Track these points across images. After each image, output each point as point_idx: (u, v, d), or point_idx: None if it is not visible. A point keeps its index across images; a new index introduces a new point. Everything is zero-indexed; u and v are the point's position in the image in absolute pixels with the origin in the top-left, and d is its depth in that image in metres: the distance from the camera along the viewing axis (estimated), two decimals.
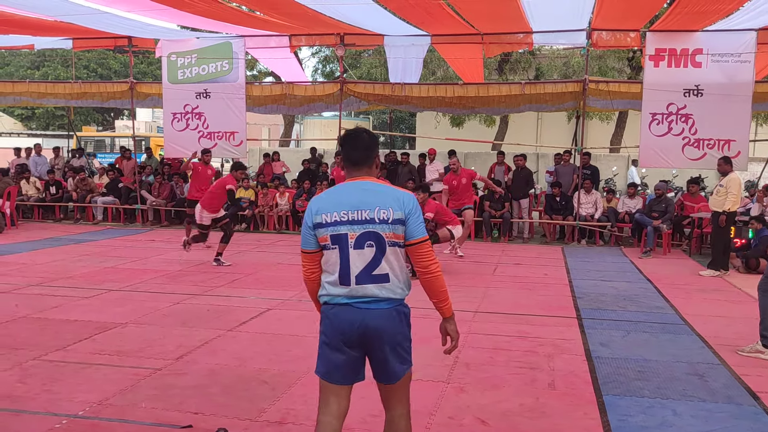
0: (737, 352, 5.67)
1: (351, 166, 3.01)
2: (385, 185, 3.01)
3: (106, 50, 33.49)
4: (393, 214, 2.85)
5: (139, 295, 7.61)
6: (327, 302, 2.94)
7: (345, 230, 2.85)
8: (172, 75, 14.28)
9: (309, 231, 2.94)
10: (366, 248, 2.85)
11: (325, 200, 2.95)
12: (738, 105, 11.68)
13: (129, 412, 4.22)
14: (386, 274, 2.86)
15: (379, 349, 2.88)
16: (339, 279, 2.87)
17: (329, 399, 2.94)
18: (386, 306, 2.87)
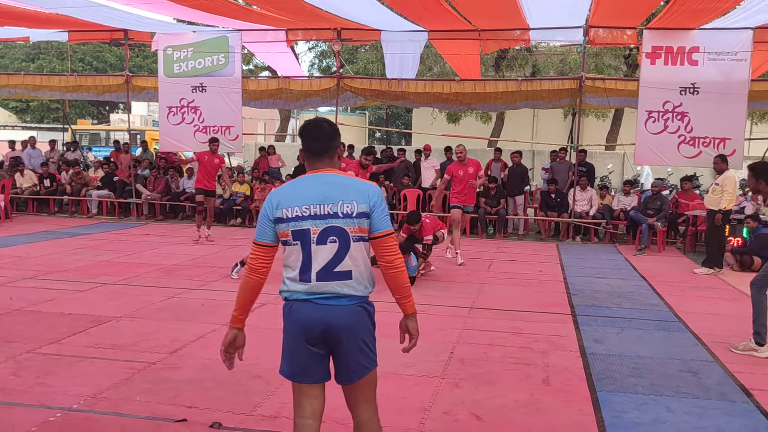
0: (731, 349, 5.69)
1: (312, 157, 2.87)
2: (348, 177, 2.89)
3: (102, 43, 33.31)
4: (357, 207, 2.75)
5: (133, 289, 7.59)
6: (287, 298, 2.83)
7: (307, 225, 2.74)
8: (168, 68, 14.23)
9: (268, 223, 2.80)
10: (329, 243, 2.74)
11: (286, 193, 2.81)
12: (734, 103, 11.68)
13: (123, 406, 4.21)
14: (349, 271, 2.76)
15: (342, 347, 2.77)
16: (299, 275, 2.76)
17: (301, 400, 2.85)
18: (348, 303, 2.78)
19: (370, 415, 2.90)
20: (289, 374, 2.87)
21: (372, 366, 2.87)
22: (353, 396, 2.89)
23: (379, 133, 39.02)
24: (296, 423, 2.86)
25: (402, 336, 3.02)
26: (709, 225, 9.95)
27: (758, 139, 18.56)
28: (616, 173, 20.99)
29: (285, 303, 2.85)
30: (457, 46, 13.69)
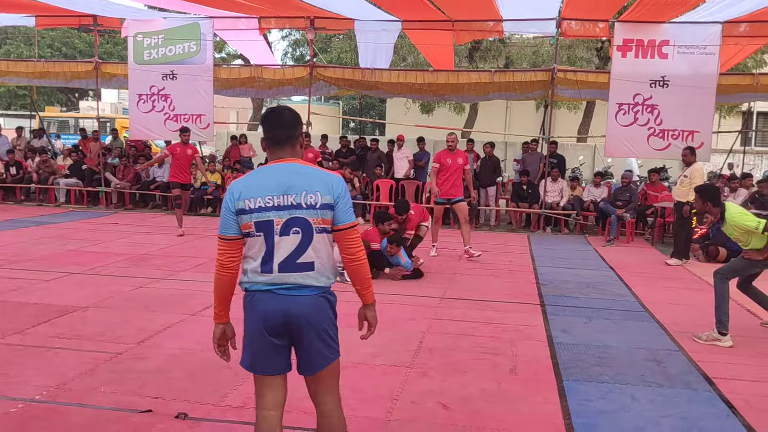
0: (694, 339, 5.78)
1: (273, 146, 2.82)
2: (311, 167, 2.83)
3: (72, 29, 32.71)
4: (321, 198, 2.72)
5: (100, 279, 7.49)
6: (247, 289, 2.79)
7: (271, 216, 2.69)
8: (138, 55, 14.02)
9: (231, 216, 2.74)
10: (292, 235, 2.71)
11: (247, 184, 2.75)
12: (702, 97, 11.83)
13: (87, 397, 4.16)
14: (311, 263, 2.73)
15: (303, 337, 2.75)
16: (260, 266, 2.72)
17: (263, 391, 2.83)
18: (310, 293, 2.75)
19: (332, 405, 2.90)
20: (249, 366, 2.84)
21: (334, 356, 2.86)
22: (316, 387, 2.88)
23: (353, 123, 38.92)
24: (258, 414, 2.85)
25: (361, 324, 3.03)
26: (677, 217, 10.08)
27: (726, 132, 18.89)
28: (588, 165, 21.20)
29: (245, 294, 2.81)
30: (431, 36, 13.69)
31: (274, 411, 2.83)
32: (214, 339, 2.93)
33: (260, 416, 2.83)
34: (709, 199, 5.90)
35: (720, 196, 6.08)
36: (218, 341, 2.93)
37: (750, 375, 4.94)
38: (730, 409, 4.24)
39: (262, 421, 2.82)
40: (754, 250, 5.80)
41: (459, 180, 9.58)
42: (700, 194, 5.98)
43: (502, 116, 26.49)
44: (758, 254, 5.75)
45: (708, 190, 6.03)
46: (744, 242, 5.88)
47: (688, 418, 4.06)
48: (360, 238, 2.87)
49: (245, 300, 2.81)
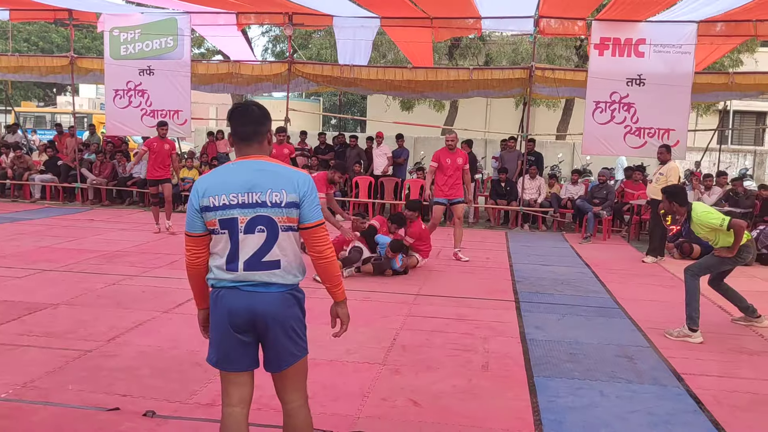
0: (665, 335, 5.83)
1: (240, 142, 2.80)
2: (279, 165, 2.81)
3: (49, 23, 32.36)
4: (286, 196, 2.70)
5: (73, 276, 7.41)
6: (213, 285, 2.78)
7: (235, 214, 2.68)
8: (114, 50, 13.88)
9: (195, 214, 2.73)
10: (257, 233, 2.69)
11: (212, 181, 2.74)
12: (678, 95, 11.94)
13: (54, 395, 4.11)
14: (277, 261, 2.72)
15: (269, 334, 2.74)
16: (225, 264, 2.71)
17: (229, 388, 2.82)
18: (276, 290, 2.74)
19: (299, 403, 2.90)
20: (215, 362, 2.83)
21: (301, 354, 2.85)
22: (282, 384, 2.87)
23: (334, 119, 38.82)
24: (223, 411, 2.84)
25: (333, 322, 3.02)
26: (652, 214, 10.16)
27: (704, 130, 19.06)
28: (566, 162, 21.31)
29: (212, 290, 2.81)
30: (410, 33, 13.68)
31: (240, 408, 2.83)
32: (199, 323, 3.00)
33: (226, 412, 2.82)
34: (675, 200, 5.98)
35: (686, 196, 6.14)
36: (203, 324, 2.98)
37: (719, 371, 5.00)
38: (697, 405, 4.28)
39: (228, 417, 2.81)
40: (723, 248, 5.86)
41: (459, 180, 9.25)
42: (666, 195, 6.06)
43: (483, 114, 26.54)
44: (728, 252, 5.82)
45: (673, 190, 6.11)
46: (713, 241, 5.95)
47: (656, 414, 4.10)
48: (328, 236, 2.85)
49: (211, 296, 2.80)
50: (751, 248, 6.01)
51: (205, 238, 2.78)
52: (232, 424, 2.80)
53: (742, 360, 5.28)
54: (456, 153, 9.25)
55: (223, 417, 2.83)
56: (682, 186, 6.55)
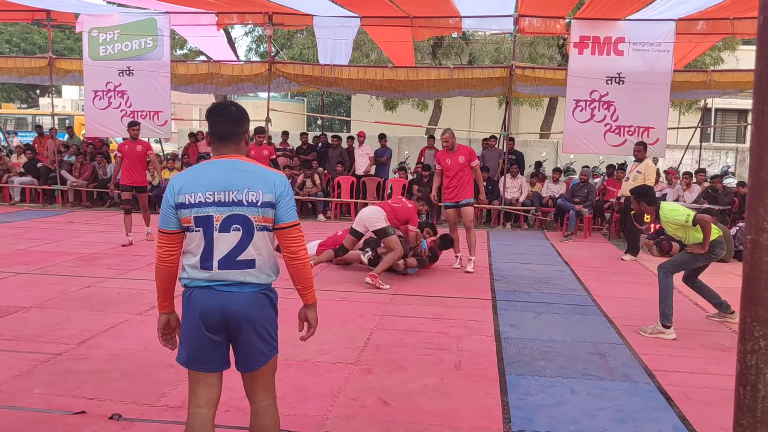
0: (639, 332, 5.85)
1: (217, 142, 2.82)
2: (255, 165, 2.83)
3: (30, 24, 32.11)
4: (262, 196, 2.71)
5: (48, 278, 7.35)
6: (186, 285, 2.77)
7: (210, 212, 2.68)
8: (93, 51, 13.77)
9: (170, 210, 2.72)
10: (232, 232, 2.70)
11: (188, 178, 2.74)
12: (657, 93, 12.00)
13: (20, 399, 4.06)
14: (252, 260, 2.73)
15: (241, 334, 2.74)
16: (200, 262, 2.71)
17: (196, 389, 2.81)
18: (250, 290, 2.74)
19: (267, 403, 2.89)
20: (186, 362, 2.82)
21: (272, 353, 2.85)
22: (252, 384, 2.87)
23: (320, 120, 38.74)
24: (190, 411, 2.82)
25: (301, 325, 3.01)
26: (625, 212, 10.18)
27: (685, 128, 19.17)
28: (550, 161, 21.38)
29: (185, 290, 2.80)
30: (390, 32, 13.68)
31: (207, 409, 2.82)
32: (158, 329, 2.92)
33: (192, 413, 2.81)
34: (643, 199, 6.04)
35: (654, 195, 6.18)
36: (162, 330, 2.92)
37: (690, 367, 5.01)
38: (667, 401, 4.29)
39: (194, 418, 2.79)
40: (695, 245, 5.89)
41: (464, 180, 8.58)
42: (635, 195, 6.11)
43: (467, 113, 26.60)
44: (700, 248, 5.84)
45: (641, 190, 6.15)
46: (684, 238, 5.98)
47: (625, 411, 4.10)
48: (303, 237, 2.85)
49: (184, 296, 2.79)
50: (724, 244, 6.04)
51: (179, 236, 2.77)
52: (198, 426, 2.79)
53: (714, 356, 5.30)
54: (457, 152, 8.56)
55: (189, 417, 2.81)
56: (649, 186, 6.59)
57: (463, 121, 26.04)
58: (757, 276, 2.07)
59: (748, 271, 2.09)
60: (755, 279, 2.07)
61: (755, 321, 2.08)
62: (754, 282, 2.08)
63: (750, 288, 2.09)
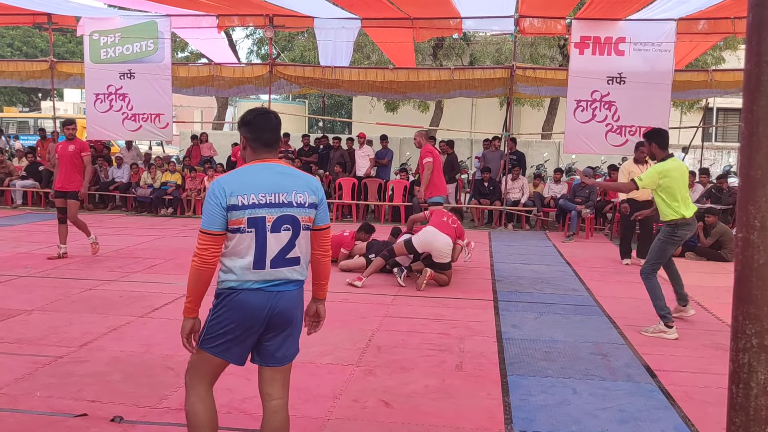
0: (641, 332, 5.84)
1: (262, 147, 2.91)
2: (294, 169, 2.96)
3: (32, 28, 32.17)
4: (308, 198, 2.87)
5: (50, 281, 7.36)
6: (233, 287, 2.81)
7: (263, 213, 2.78)
8: (94, 54, 13.79)
9: (220, 211, 2.76)
10: (282, 231, 2.82)
11: (238, 181, 2.81)
12: (658, 93, 11.99)
13: (22, 402, 4.07)
14: (298, 257, 2.88)
15: (283, 330, 2.88)
16: (253, 263, 2.78)
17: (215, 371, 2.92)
18: (294, 288, 2.90)
19: (285, 401, 3.00)
20: (221, 353, 2.86)
21: (297, 349, 3.04)
22: (273, 379, 2.95)
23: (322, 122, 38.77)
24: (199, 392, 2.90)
25: (311, 320, 3.15)
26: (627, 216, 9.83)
27: (687, 127, 19.16)
28: (552, 162, 21.37)
29: (227, 291, 2.83)
30: (391, 34, 13.69)
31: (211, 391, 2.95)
32: (183, 333, 2.91)
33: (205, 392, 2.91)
34: (655, 141, 5.95)
35: (668, 140, 6.04)
36: (188, 335, 2.92)
37: (692, 367, 5.01)
38: (668, 401, 4.28)
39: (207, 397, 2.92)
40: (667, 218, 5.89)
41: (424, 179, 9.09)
42: (650, 136, 5.98)
43: (468, 114, 26.61)
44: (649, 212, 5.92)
45: (659, 132, 6.04)
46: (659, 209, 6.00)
47: (626, 411, 4.10)
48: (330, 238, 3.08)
49: (224, 296, 2.83)
50: (692, 225, 5.98)
51: (223, 237, 2.81)
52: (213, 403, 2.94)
53: (716, 356, 5.29)
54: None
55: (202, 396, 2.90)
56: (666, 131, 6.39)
57: (465, 121, 26.06)
58: (749, 274, 2.07)
59: (740, 269, 2.10)
60: (747, 277, 2.08)
61: (747, 319, 2.08)
62: (746, 280, 2.08)
63: (742, 286, 2.10)
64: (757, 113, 2.03)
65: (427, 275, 7.41)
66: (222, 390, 4.25)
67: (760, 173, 2.03)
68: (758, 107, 2.03)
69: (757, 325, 2.06)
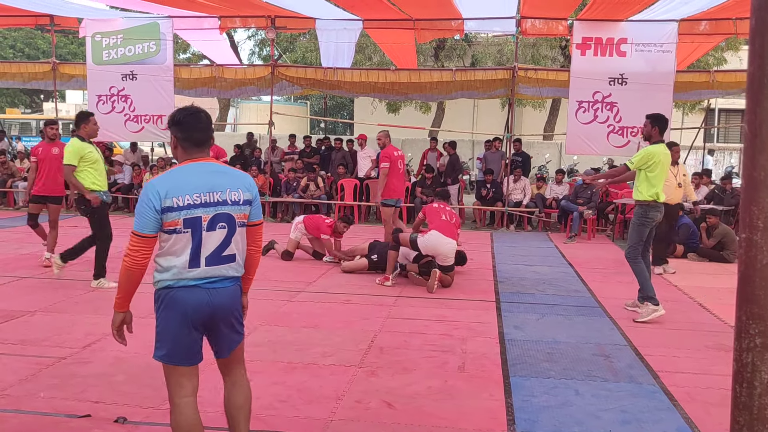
0: (635, 321, 6.20)
1: (193, 146, 2.92)
2: (228, 167, 3.04)
3: (33, 29, 32.22)
4: (242, 195, 2.93)
5: (53, 283, 7.38)
6: (170, 286, 2.85)
7: (199, 213, 2.81)
8: (96, 56, 13.81)
9: (154, 214, 2.78)
10: (218, 230, 2.86)
11: (172, 182, 2.82)
12: (660, 94, 11.96)
13: (26, 403, 4.08)
14: (233, 255, 2.93)
15: (224, 325, 2.95)
16: (189, 262, 2.82)
17: (182, 381, 2.94)
18: (230, 284, 2.95)
19: (242, 372, 3.16)
20: (169, 359, 2.93)
21: (243, 334, 3.13)
22: (229, 363, 3.10)
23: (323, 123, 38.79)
24: (177, 402, 2.95)
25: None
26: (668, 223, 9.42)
27: (689, 128, 19.15)
28: (554, 163, 21.38)
29: (164, 290, 2.88)
30: (392, 35, 13.69)
31: (193, 397, 2.98)
32: (114, 326, 3.05)
33: (183, 403, 2.94)
34: (659, 125, 6.40)
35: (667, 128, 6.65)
36: (118, 327, 3.06)
37: (694, 368, 5.01)
38: (671, 402, 4.29)
39: (187, 407, 2.94)
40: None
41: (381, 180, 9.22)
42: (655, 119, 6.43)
43: (469, 115, 26.60)
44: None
45: (662, 118, 6.51)
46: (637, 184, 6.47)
47: (629, 411, 4.10)
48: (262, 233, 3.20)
49: (161, 296, 2.90)
50: (662, 209, 6.43)
51: (155, 239, 2.86)
52: (192, 412, 2.95)
53: (718, 357, 5.29)
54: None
55: (180, 407, 2.94)
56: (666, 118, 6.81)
57: (466, 122, 26.06)
58: (752, 274, 2.08)
59: (743, 270, 2.11)
60: (750, 277, 2.09)
61: (750, 319, 2.09)
62: (749, 280, 2.09)
63: (745, 286, 2.11)
64: (761, 115, 2.04)
65: (436, 276, 7.44)
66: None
67: (763, 174, 2.04)
68: (761, 109, 2.04)
69: (760, 325, 2.08)
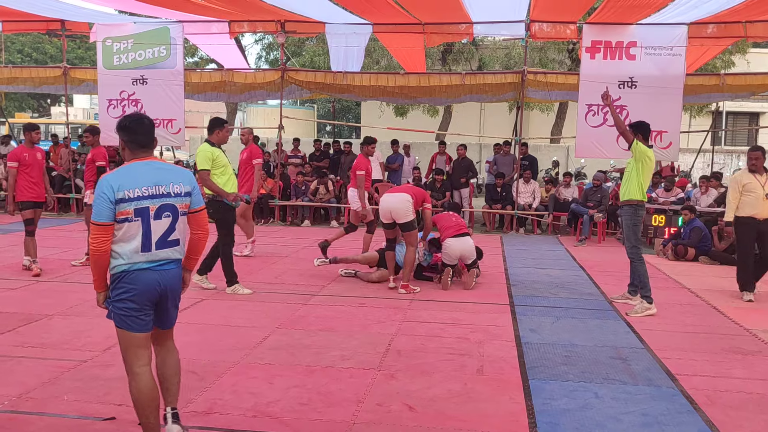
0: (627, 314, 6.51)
1: (139, 148, 3.44)
2: (169, 164, 3.58)
3: (42, 34, 32.37)
4: (183, 188, 3.45)
5: (68, 286, 7.42)
6: (125, 270, 3.31)
7: (147, 204, 3.31)
8: (107, 60, 13.88)
9: (109, 206, 3.24)
10: (164, 218, 3.38)
11: (124, 177, 3.30)
12: (670, 97, 11.98)
13: (50, 405, 4.11)
14: (177, 239, 3.45)
15: (168, 302, 3.49)
16: (141, 247, 3.31)
17: (138, 352, 3.40)
18: (175, 267, 3.49)
19: (173, 343, 3.71)
20: (129, 327, 3.36)
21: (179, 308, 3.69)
22: (165, 335, 3.63)
23: (330, 126, 38.85)
24: (137, 371, 3.40)
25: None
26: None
27: (697, 131, 19.13)
28: (561, 165, 21.38)
29: (120, 274, 3.32)
30: (402, 39, 13.72)
31: (149, 366, 3.45)
32: (98, 303, 3.50)
33: (141, 371, 3.40)
34: (640, 132, 6.93)
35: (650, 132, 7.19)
36: (103, 302, 3.49)
37: (712, 371, 5.01)
38: (691, 405, 4.30)
39: (145, 375, 3.41)
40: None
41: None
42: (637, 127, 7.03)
43: (477, 118, 26.65)
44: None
45: (644, 125, 7.10)
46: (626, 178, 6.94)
47: (649, 414, 4.11)
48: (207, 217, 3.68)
49: (119, 279, 3.33)
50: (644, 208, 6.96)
51: (112, 227, 3.29)
52: (149, 379, 3.43)
53: (735, 360, 5.30)
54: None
55: (140, 375, 3.39)
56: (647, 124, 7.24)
57: (474, 126, 26.10)
58: None
59: None
60: None
61: None
62: None
63: None
64: None
65: (449, 275, 7.78)
66: (246, 394, 4.31)
67: None
68: None
69: None
